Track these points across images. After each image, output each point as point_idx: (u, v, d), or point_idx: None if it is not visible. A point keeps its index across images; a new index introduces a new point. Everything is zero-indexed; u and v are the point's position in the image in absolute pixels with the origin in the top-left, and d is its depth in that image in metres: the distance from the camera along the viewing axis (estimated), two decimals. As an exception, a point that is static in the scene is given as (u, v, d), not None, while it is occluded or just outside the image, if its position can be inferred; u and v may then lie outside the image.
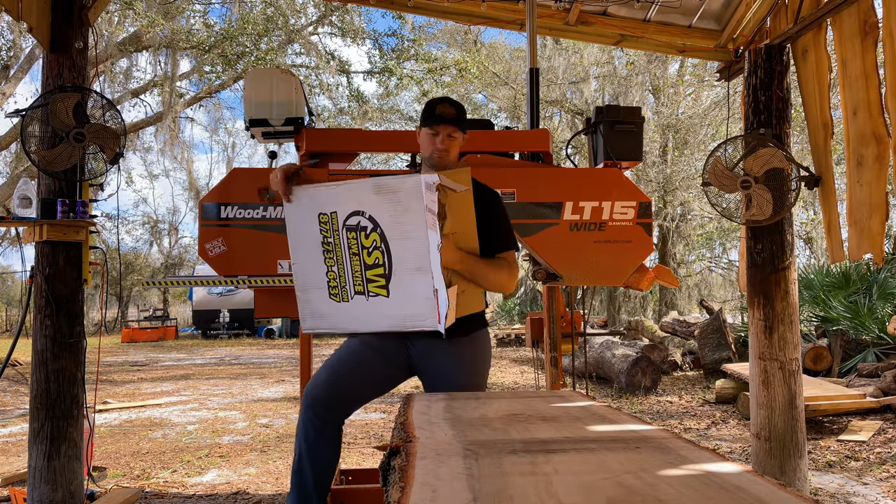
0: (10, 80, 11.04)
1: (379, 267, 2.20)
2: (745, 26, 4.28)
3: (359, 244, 2.21)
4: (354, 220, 2.20)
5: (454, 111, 2.38)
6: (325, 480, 2.31)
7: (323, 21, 13.12)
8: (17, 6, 3.28)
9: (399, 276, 2.17)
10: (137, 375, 11.00)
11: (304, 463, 2.28)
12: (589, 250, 3.36)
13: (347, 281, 2.26)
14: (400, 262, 2.16)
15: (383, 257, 2.18)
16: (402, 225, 2.13)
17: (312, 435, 2.28)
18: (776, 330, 3.84)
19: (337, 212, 2.22)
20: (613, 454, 1.20)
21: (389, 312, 2.22)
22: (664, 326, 11.65)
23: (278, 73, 3.48)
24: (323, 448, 2.28)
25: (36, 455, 3.44)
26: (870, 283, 8.09)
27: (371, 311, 2.24)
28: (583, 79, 15.47)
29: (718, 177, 3.77)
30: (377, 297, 2.22)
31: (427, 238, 2.09)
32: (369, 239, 2.19)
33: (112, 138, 3.39)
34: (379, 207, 2.15)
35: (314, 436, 2.28)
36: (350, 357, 2.37)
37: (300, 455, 2.29)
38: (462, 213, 2.24)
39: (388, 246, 2.16)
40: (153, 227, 28.74)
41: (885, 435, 5.23)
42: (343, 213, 2.21)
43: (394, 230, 2.15)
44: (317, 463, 2.28)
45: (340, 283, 2.28)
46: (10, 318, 26.77)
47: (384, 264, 2.18)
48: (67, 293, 3.52)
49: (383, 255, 2.18)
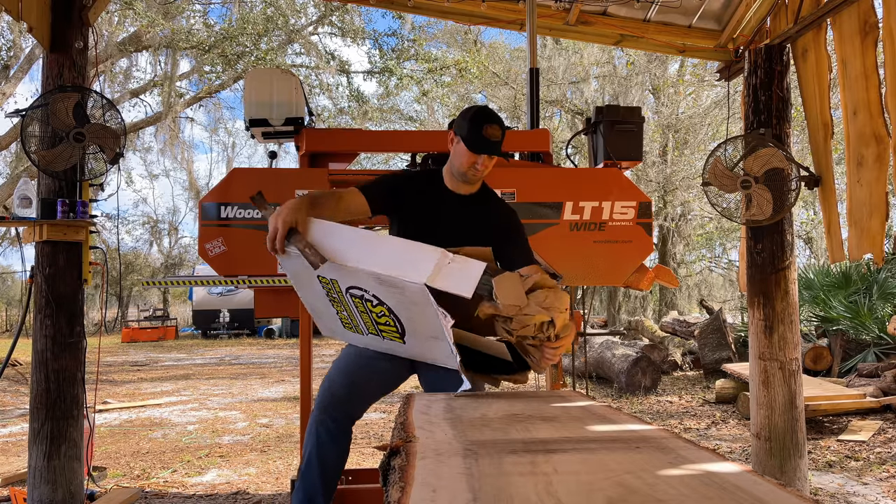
0: (10, 80, 11.04)
1: (391, 327, 2.05)
2: (745, 26, 4.28)
3: (367, 309, 2.02)
4: (358, 293, 1.98)
5: (500, 135, 2.23)
6: (333, 483, 2.32)
7: (323, 21, 13.13)
8: (17, 6, 3.28)
9: (413, 336, 2.04)
10: (137, 375, 11.00)
11: (314, 464, 2.27)
12: (589, 250, 3.36)
13: (360, 325, 2.14)
14: (413, 330, 2.01)
15: (395, 322, 2.02)
16: (410, 311, 1.93)
17: (325, 437, 2.28)
18: (776, 330, 3.84)
19: (338, 280, 1.97)
20: (613, 454, 1.20)
21: (407, 351, 2.16)
22: (664, 326, 11.65)
23: (278, 73, 3.48)
24: (334, 449, 2.29)
25: (36, 455, 3.44)
26: (870, 283, 8.09)
27: (388, 346, 2.18)
28: (583, 79, 15.47)
29: (718, 177, 3.77)
30: (393, 342, 2.13)
31: (440, 324, 1.88)
32: (377, 309, 1.99)
33: (112, 138, 3.39)
34: (382, 294, 1.92)
35: (326, 438, 2.28)
36: (359, 359, 2.34)
37: (310, 457, 2.28)
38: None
39: (398, 318, 1.99)
40: (153, 227, 28.75)
41: (885, 435, 5.23)
42: (344, 284, 1.97)
43: (402, 311, 1.95)
44: (326, 464, 2.27)
45: (353, 323, 2.15)
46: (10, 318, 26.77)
47: (396, 327, 2.04)
48: (67, 293, 3.52)
49: (395, 321, 2.01)
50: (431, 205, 2.30)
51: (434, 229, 2.22)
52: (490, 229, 2.29)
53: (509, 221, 2.38)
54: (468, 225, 2.29)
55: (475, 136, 2.20)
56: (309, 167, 3.50)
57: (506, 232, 2.33)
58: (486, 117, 2.23)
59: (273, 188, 3.37)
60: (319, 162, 3.56)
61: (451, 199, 2.34)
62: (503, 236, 2.30)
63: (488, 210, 2.37)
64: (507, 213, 2.41)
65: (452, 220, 2.29)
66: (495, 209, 2.40)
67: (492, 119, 2.23)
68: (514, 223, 2.39)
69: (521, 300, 1.81)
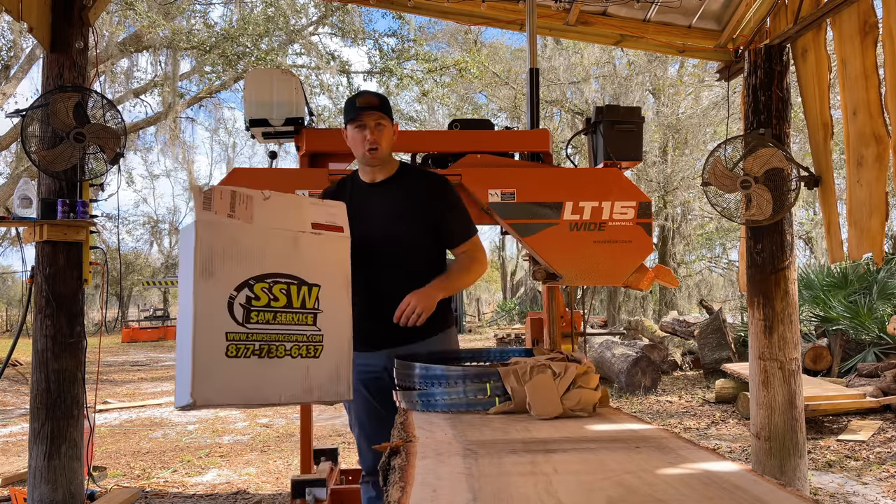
0: (10, 80, 11.04)
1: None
2: (745, 26, 4.28)
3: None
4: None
5: (375, 100, 2.22)
6: None
7: (323, 21, 13.12)
8: (18, 6, 3.28)
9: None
10: (138, 375, 11.00)
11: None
12: (589, 250, 3.36)
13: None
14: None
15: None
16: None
17: (374, 493, 2.39)
18: (776, 330, 3.84)
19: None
20: (613, 454, 1.20)
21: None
22: (664, 326, 11.64)
23: (279, 74, 3.48)
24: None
25: (36, 455, 3.44)
26: (869, 283, 8.09)
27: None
28: (583, 79, 15.46)
29: (718, 177, 3.77)
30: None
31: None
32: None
33: (112, 138, 3.39)
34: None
35: (375, 494, 2.38)
36: (367, 407, 2.34)
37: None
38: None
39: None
40: (153, 227, 28.76)
41: (884, 435, 5.23)
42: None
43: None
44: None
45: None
46: (10, 318, 26.76)
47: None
48: (68, 293, 3.52)
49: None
50: (353, 203, 2.24)
51: (361, 223, 2.15)
52: (419, 206, 2.28)
53: (438, 193, 2.33)
54: (392, 209, 2.27)
55: (350, 108, 2.23)
56: (309, 167, 3.50)
57: (435, 205, 2.29)
58: (360, 93, 2.25)
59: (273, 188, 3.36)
60: (319, 162, 3.56)
61: (368, 190, 2.32)
62: (434, 210, 2.28)
63: (410, 187, 2.32)
64: (434, 186, 2.35)
65: (375, 210, 2.27)
66: (418, 184, 2.34)
67: (364, 92, 2.25)
68: (442, 193, 2.34)
69: (557, 410, 1.60)
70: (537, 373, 1.62)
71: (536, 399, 1.59)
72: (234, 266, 1.75)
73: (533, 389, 1.60)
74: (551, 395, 1.60)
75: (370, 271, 2.25)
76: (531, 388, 1.60)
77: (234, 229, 1.77)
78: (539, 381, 1.61)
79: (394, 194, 2.31)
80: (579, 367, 1.64)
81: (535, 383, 1.61)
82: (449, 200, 2.35)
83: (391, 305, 2.18)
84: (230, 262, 1.75)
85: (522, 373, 1.62)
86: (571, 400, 1.61)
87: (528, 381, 1.61)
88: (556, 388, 1.60)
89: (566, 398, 1.61)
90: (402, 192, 2.31)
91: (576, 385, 1.62)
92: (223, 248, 1.74)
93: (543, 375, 1.61)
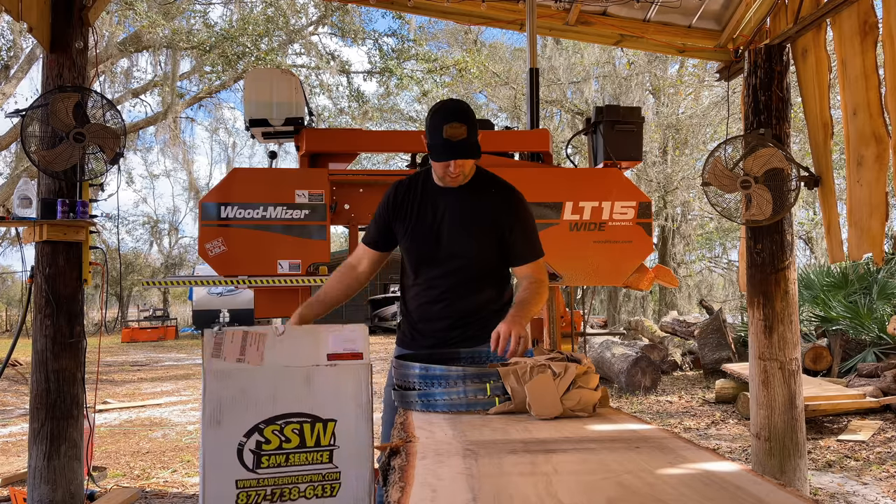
0: (10, 80, 11.04)
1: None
2: (745, 26, 4.28)
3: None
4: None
5: (465, 132, 2.00)
6: None
7: (323, 21, 13.13)
8: (17, 6, 3.28)
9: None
10: (137, 375, 11.00)
11: None
12: (589, 250, 3.37)
13: None
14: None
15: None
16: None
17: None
18: (776, 330, 3.84)
19: None
20: (613, 454, 1.20)
21: None
22: (664, 326, 11.64)
23: (278, 74, 3.48)
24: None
25: (36, 455, 3.44)
26: (869, 283, 8.09)
27: None
28: (583, 79, 15.47)
29: (718, 177, 3.77)
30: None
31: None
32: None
33: (112, 138, 3.39)
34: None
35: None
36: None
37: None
38: None
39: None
40: (153, 227, 28.75)
41: (884, 435, 5.23)
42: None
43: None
44: None
45: None
46: (10, 318, 26.75)
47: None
48: (67, 293, 3.52)
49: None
50: (423, 203, 2.21)
51: (433, 225, 2.17)
52: (489, 220, 2.19)
53: (508, 208, 2.22)
54: (463, 217, 2.19)
55: (435, 141, 2.04)
56: (309, 167, 3.50)
57: (505, 221, 2.19)
58: (445, 116, 2.03)
59: (273, 188, 3.37)
60: (319, 162, 3.56)
61: (442, 194, 2.22)
62: (502, 225, 2.18)
63: (482, 200, 2.22)
64: (506, 201, 2.23)
65: (446, 214, 2.20)
66: (491, 198, 2.23)
67: (452, 116, 2.03)
68: (513, 209, 2.23)
69: (557, 410, 1.60)
70: (537, 373, 1.62)
71: (536, 399, 1.60)
72: (243, 412, 1.78)
73: (533, 389, 1.60)
74: (551, 395, 1.60)
75: (434, 274, 2.21)
76: (531, 388, 1.61)
77: (243, 376, 1.80)
78: (539, 381, 1.61)
79: (464, 203, 2.21)
80: (579, 367, 1.64)
81: (535, 383, 1.61)
82: (519, 215, 2.23)
83: (449, 311, 2.18)
84: (239, 408, 1.78)
85: (522, 373, 1.62)
86: (571, 400, 1.61)
87: (528, 381, 1.61)
88: (556, 389, 1.61)
89: (566, 398, 1.61)
90: (472, 202, 2.21)
91: (576, 385, 1.62)
92: (232, 396, 1.78)
93: (543, 375, 1.61)
